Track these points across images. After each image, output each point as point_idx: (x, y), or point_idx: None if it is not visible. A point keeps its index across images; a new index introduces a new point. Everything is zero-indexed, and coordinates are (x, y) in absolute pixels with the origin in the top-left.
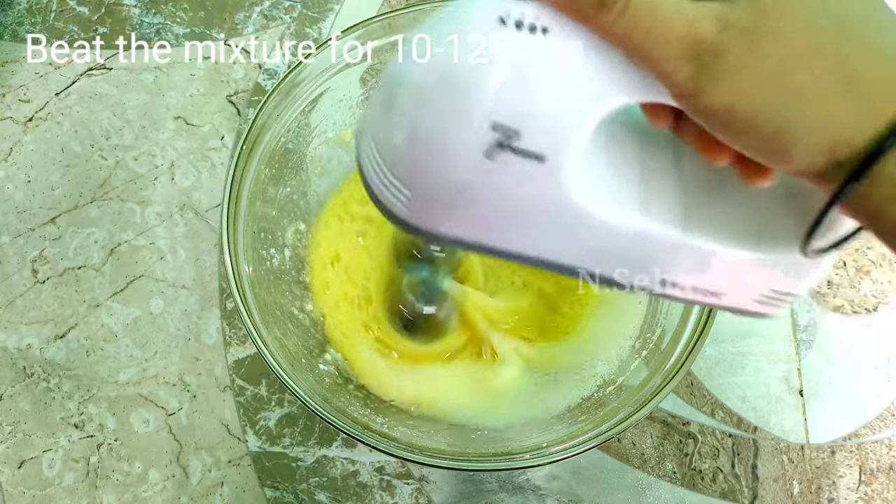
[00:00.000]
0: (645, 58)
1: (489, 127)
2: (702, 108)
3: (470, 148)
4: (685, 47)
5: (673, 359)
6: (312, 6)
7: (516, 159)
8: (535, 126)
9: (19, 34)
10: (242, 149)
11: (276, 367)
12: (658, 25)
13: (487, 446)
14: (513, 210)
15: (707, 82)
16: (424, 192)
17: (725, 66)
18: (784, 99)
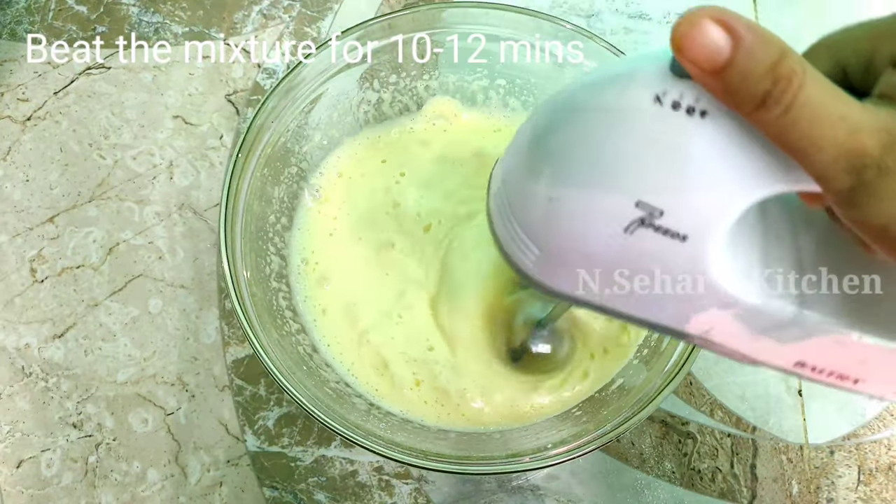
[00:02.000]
0: (802, 160)
1: (633, 204)
2: (856, 220)
3: (610, 222)
4: (845, 158)
5: (673, 359)
6: (311, 5)
7: (657, 236)
8: (680, 207)
9: (18, 33)
10: (241, 148)
11: (272, 369)
12: (819, 131)
13: (489, 449)
14: (648, 281)
15: (864, 197)
16: (554, 255)
17: (887, 185)
18: None
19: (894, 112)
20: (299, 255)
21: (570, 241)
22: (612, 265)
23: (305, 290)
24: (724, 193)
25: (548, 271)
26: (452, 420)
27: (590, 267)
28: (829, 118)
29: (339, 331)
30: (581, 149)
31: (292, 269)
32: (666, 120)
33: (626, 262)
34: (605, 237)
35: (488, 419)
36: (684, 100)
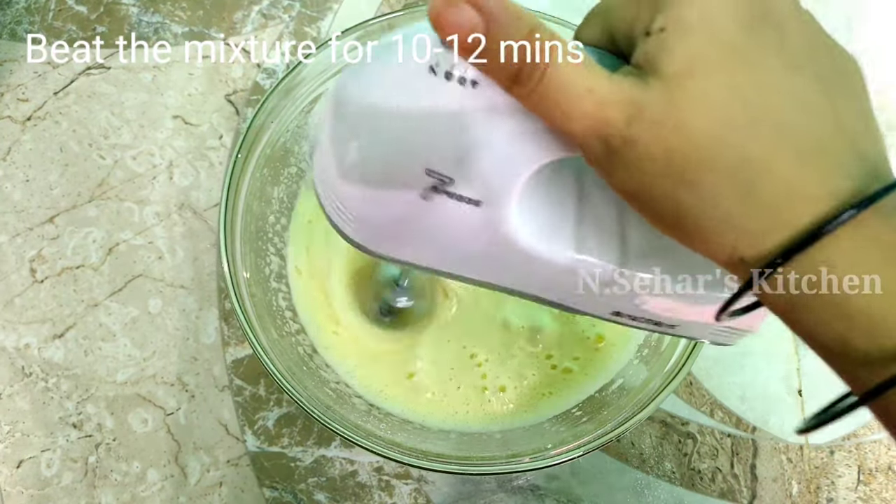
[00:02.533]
0: (560, 131)
1: (423, 172)
2: (611, 184)
3: (407, 190)
4: (595, 128)
5: (673, 359)
6: (311, 5)
7: (452, 202)
8: (468, 174)
9: (17, 33)
10: (241, 148)
11: (272, 369)
12: (569, 103)
13: (489, 449)
14: (454, 243)
15: (614, 164)
16: (368, 221)
17: (632, 154)
18: (685, 196)
19: (640, 83)
20: (295, 256)
21: (378, 209)
22: (420, 230)
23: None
24: (506, 161)
25: (368, 237)
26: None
27: (402, 232)
28: (577, 91)
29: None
30: (372, 121)
31: (289, 267)
32: (440, 89)
33: (431, 227)
34: (406, 203)
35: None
36: (456, 70)
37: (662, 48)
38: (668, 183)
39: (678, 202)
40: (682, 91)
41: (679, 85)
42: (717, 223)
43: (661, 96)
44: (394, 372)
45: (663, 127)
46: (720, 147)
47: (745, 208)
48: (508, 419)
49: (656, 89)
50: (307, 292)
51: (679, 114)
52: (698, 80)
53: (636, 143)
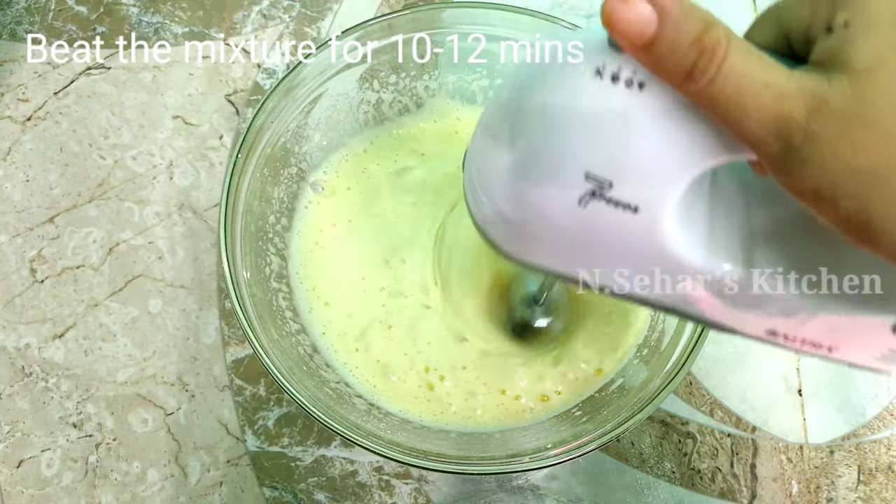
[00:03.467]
0: (733, 128)
1: (582, 177)
2: (789, 185)
3: (564, 195)
4: (773, 124)
5: (673, 359)
6: (311, 6)
7: (609, 208)
8: (628, 178)
9: (18, 33)
10: (241, 148)
11: (272, 369)
12: (745, 99)
13: (489, 449)
14: (606, 251)
15: (793, 162)
16: (518, 228)
17: (814, 150)
18: (875, 194)
19: (822, 78)
20: (298, 257)
21: (531, 214)
22: (572, 237)
23: (309, 286)
24: (668, 164)
25: (516, 244)
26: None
27: (553, 239)
28: (755, 85)
29: (339, 328)
30: (532, 125)
31: (292, 268)
32: (606, 93)
33: (584, 235)
34: (560, 210)
35: (487, 416)
36: (623, 73)
37: (847, 43)
38: (855, 181)
39: (865, 201)
40: (871, 85)
41: (868, 79)
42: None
43: (847, 91)
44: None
45: (851, 122)
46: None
47: None
48: (506, 420)
49: (842, 83)
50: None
51: (869, 109)
52: (889, 73)
53: (820, 138)
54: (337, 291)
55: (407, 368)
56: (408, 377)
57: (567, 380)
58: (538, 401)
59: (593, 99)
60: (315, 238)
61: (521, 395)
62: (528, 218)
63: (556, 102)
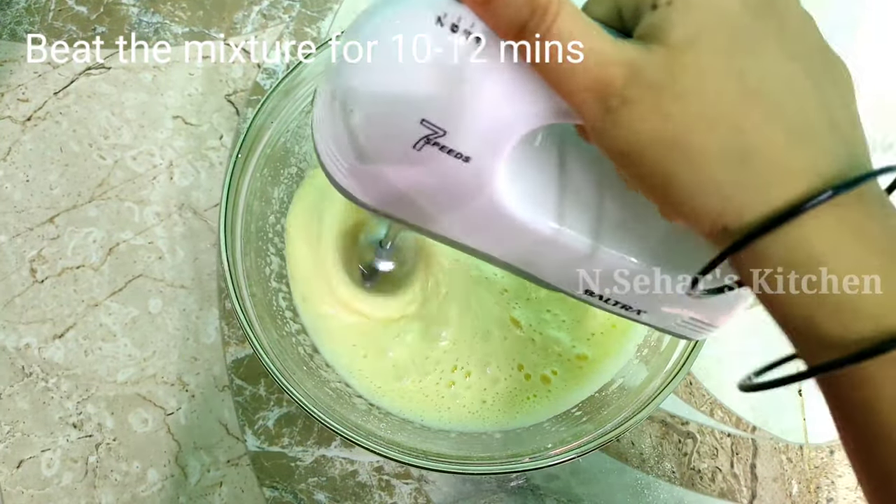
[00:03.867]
0: (558, 88)
1: (418, 121)
2: (603, 145)
3: (400, 138)
4: (593, 87)
5: (673, 359)
6: (311, 5)
7: (442, 154)
8: (461, 128)
9: (18, 33)
10: (241, 148)
11: (272, 369)
12: (570, 61)
13: (489, 449)
14: (440, 198)
15: (609, 124)
16: (359, 168)
17: (628, 115)
18: (677, 160)
19: (643, 50)
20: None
21: (369, 154)
22: (408, 181)
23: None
24: (499, 119)
25: (357, 184)
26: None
27: (390, 180)
28: (583, 48)
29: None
30: (373, 65)
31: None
32: (444, 41)
33: (419, 179)
34: (397, 152)
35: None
36: (462, 23)
37: (667, 19)
38: (661, 147)
39: (668, 166)
40: (683, 60)
41: (681, 54)
42: (705, 190)
43: (662, 62)
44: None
45: (661, 92)
46: (715, 117)
47: (734, 178)
48: (505, 420)
49: (658, 55)
50: (299, 251)
51: (678, 81)
52: (700, 52)
53: (633, 104)
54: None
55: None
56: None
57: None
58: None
59: (432, 46)
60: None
61: None
62: (369, 160)
63: (397, 47)
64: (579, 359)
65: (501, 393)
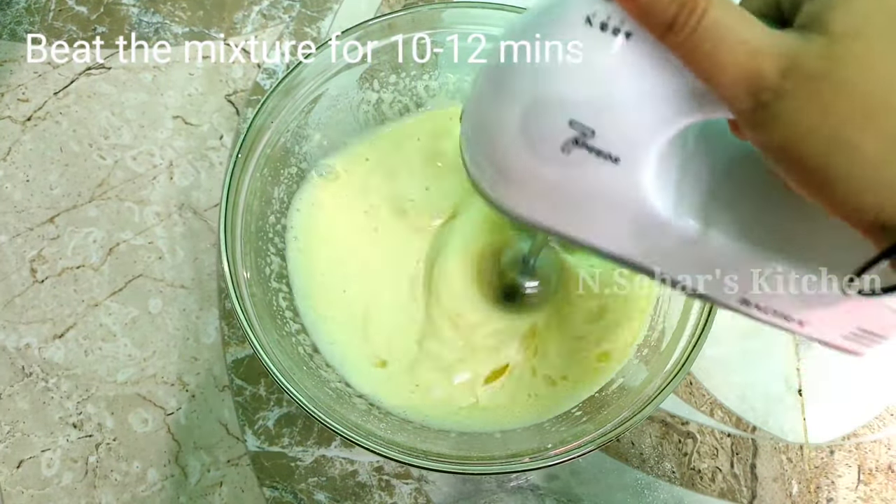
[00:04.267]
0: (708, 82)
1: (566, 123)
2: (758, 141)
3: (548, 141)
4: (746, 80)
5: (673, 359)
6: (311, 5)
7: (591, 157)
8: (611, 128)
9: (18, 33)
10: (241, 148)
11: (272, 369)
12: (721, 53)
13: (489, 449)
14: (587, 203)
15: (764, 118)
16: (506, 176)
17: (784, 108)
18: (838, 154)
19: (801, 39)
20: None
21: (518, 160)
22: (556, 186)
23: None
24: (650, 116)
25: (504, 192)
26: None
27: (538, 187)
28: (732, 41)
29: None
30: (522, 70)
31: (292, 268)
32: (594, 40)
33: (567, 183)
34: (545, 156)
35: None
36: (611, 21)
37: (829, 6)
38: (821, 141)
39: (829, 160)
40: (846, 49)
41: (843, 43)
42: (865, 186)
43: (822, 52)
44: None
45: (822, 83)
46: (883, 109)
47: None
48: (505, 420)
49: (818, 46)
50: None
51: (840, 72)
52: (865, 41)
53: (791, 96)
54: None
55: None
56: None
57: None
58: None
59: (582, 45)
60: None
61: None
62: (516, 167)
63: (548, 50)
64: (598, 358)
65: (501, 393)
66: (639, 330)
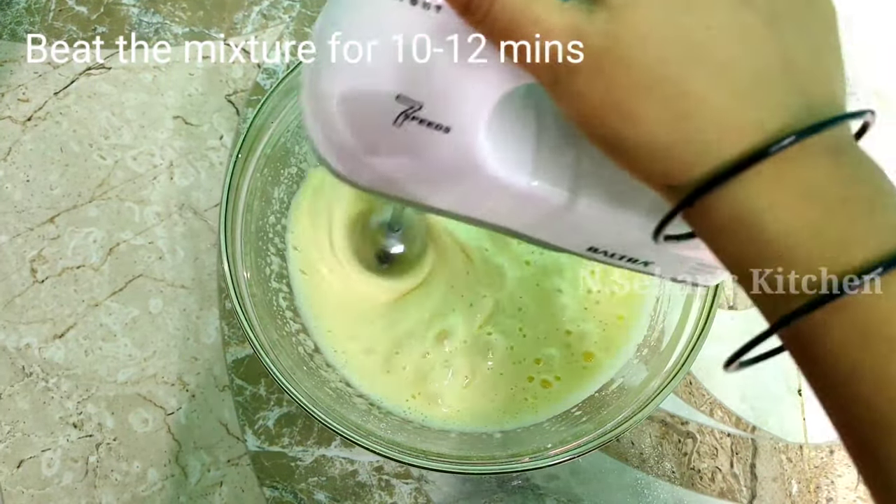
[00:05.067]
0: (509, 58)
1: (394, 98)
2: (561, 110)
3: (379, 115)
4: (541, 57)
5: (673, 359)
6: (311, 5)
7: (422, 128)
8: (435, 100)
9: (18, 34)
10: (241, 148)
11: (272, 369)
12: (516, 33)
13: (489, 449)
14: (429, 172)
15: (561, 92)
16: (347, 151)
17: (575, 82)
18: (625, 126)
19: (585, 14)
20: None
21: (355, 137)
22: (395, 158)
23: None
24: (471, 85)
25: (349, 167)
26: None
27: (380, 162)
28: (524, 20)
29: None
30: (346, 48)
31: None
32: (407, 14)
33: (404, 154)
34: (378, 130)
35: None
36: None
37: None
38: (608, 112)
39: (618, 132)
40: (623, 22)
41: (621, 16)
42: (651, 152)
43: (603, 27)
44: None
45: (604, 58)
46: (657, 80)
47: (677, 138)
48: (505, 420)
49: (600, 20)
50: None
51: (619, 46)
52: (640, 12)
53: (579, 72)
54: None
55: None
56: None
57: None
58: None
59: (395, 20)
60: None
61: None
62: (354, 142)
63: (363, 25)
64: (586, 357)
65: (501, 393)
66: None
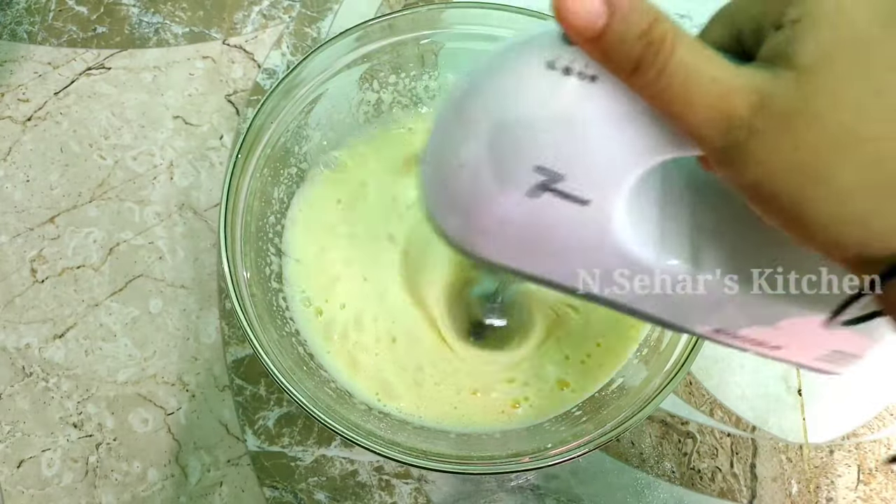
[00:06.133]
0: (678, 123)
1: (532, 169)
2: (732, 179)
3: (514, 187)
4: (717, 119)
5: (673, 359)
6: (311, 6)
7: (560, 201)
8: (578, 172)
9: (18, 34)
10: (241, 148)
11: (272, 369)
12: (691, 93)
13: (489, 449)
14: (558, 245)
15: (736, 157)
16: (471, 222)
17: (756, 146)
18: (813, 188)
19: (768, 74)
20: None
21: (481, 206)
22: (523, 230)
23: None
24: (618, 158)
25: (469, 238)
26: (429, 409)
27: (505, 232)
28: (701, 80)
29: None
30: (483, 117)
31: (292, 267)
32: (558, 85)
33: (535, 227)
34: (511, 202)
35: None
36: (575, 65)
37: (795, 39)
38: (794, 176)
39: (805, 197)
40: (815, 83)
41: (813, 76)
42: (844, 220)
43: (791, 87)
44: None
45: (793, 118)
46: (856, 142)
47: (880, 205)
48: (505, 420)
49: (787, 80)
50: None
51: (812, 106)
52: (834, 73)
53: (762, 134)
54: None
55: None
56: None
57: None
58: (510, 406)
59: (546, 91)
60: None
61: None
62: (480, 213)
63: (509, 95)
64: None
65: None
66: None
